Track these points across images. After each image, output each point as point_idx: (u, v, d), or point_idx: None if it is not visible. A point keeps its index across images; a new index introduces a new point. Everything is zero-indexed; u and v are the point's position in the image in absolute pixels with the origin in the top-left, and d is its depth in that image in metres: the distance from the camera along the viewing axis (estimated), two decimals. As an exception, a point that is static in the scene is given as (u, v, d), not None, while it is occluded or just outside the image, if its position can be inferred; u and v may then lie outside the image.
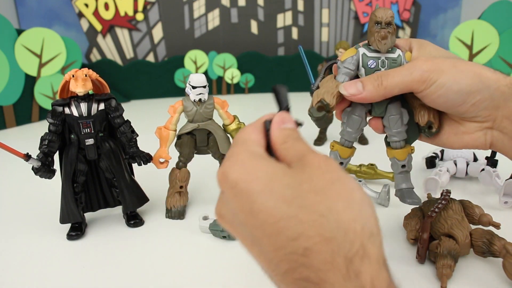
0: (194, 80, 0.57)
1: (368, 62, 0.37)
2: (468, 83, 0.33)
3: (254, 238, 0.22)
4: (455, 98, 0.34)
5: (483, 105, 0.34)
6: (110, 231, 0.57)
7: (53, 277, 0.46)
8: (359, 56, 0.38)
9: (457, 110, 0.35)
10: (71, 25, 2.10)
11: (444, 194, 0.49)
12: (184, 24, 2.21)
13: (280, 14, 2.29)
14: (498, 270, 0.43)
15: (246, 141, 0.26)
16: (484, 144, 0.36)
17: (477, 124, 0.35)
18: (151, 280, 0.45)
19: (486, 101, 0.33)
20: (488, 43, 1.64)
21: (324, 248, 0.20)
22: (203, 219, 0.55)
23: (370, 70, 0.37)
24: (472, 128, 0.36)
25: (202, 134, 0.61)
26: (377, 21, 0.37)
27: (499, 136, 0.35)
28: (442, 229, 0.45)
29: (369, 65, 0.37)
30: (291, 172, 0.23)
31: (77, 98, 0.54)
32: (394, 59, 0.37)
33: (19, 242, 0.54)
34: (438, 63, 0.34)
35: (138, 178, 0.61)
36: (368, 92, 0.35)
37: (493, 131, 0.35)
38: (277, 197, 0.21)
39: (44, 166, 0.52)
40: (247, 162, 0.23)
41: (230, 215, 0.25)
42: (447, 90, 0.33)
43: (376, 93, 0.35)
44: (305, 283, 0.20)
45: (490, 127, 0.35)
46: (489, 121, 0.35)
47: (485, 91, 0.33)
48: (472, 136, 0.36)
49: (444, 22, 2.41)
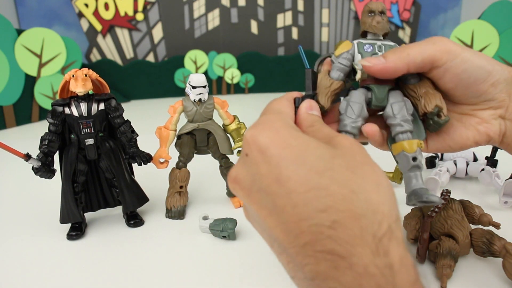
0: (194, 80, 0.57)
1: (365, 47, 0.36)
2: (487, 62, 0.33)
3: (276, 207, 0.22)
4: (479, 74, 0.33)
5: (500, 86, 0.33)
6: (110, 231, 0.57)
7: (53, 277, 0.46)
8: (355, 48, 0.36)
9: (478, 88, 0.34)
10: (71, 25, 2.10)
11: (444, 194, 0.49)
12: (184, 24, 2.22)
13: (280, 14, 2.29)
14: (498, 270, 0.43)
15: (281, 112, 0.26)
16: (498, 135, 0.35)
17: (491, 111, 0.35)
18: (151, 280, 0.45)
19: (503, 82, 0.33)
20: (488, 43, 1.64)
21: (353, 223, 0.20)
22: (203, 219, 0.55)
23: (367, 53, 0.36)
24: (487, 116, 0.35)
25: (202, 134, 0.61)
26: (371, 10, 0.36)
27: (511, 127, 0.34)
28: (442, 229, 0.45)
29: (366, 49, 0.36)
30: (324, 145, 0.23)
31: (77, 98, 0.54)
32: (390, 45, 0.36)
33: (19, 242, 0.54)
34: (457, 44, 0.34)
35: (138, 178, 0.61)
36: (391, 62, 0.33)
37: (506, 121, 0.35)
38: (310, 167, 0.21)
39: (44, 166, 0.52)
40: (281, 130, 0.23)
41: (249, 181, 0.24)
42: (472, 63, 0.33)
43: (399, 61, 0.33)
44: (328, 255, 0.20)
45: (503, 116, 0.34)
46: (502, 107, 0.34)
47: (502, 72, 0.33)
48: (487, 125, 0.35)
49: (444, 22, 2.41)
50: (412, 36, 2.37)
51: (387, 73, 0.34)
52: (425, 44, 0.33)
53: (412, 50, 0.33)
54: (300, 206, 0.20)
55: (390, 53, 0.34)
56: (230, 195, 0.65)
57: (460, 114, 0.36)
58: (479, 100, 0.35)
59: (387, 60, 0.33)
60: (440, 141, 0.37)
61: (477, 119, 0.35)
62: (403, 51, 0.33)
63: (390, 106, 0.35)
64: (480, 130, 0.35)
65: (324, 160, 0.21)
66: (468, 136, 0.35)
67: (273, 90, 2.25)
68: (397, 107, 0.35)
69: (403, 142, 0.35)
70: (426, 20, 2.42)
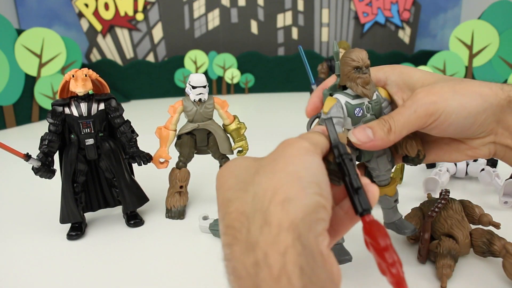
0: (194, 80, 0.57)
1: (355, 111, 0.35)
2: (474, 104, 0.32)
3: None
4: (465, 123, 0.33)
5: (487, 122, 0.33)
6: (110, 231, 0.57)
7: (53, 277, 0.46)
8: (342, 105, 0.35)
9: (465, 133, 0.34)
10: (71, 25, 2.10)
11: (443, 193, 0.49)
12: (184, 24, 2.22)
13: (280, 14, 2.29)
14: (498, 270, 0.43)
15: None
16: (487, 156, 0.36)
17: (480, 140, 0.35)
18: (151, 280, 0.45)
19: (490, 117, 0.33)
20: (488, 43, 1.64)
21: (236, 222, 0.21)
22: (203, 219, 0.55)
23: (357, 118, 0.35)
24: (475, 144, 0.36)
25: (202, 134, 0.61)
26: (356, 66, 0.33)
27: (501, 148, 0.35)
28: (442, 229, 0.45)
29: (356, 114, 0.35)
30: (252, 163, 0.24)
31: (77, 98, 0.54)
32: (376, 101, 0.35)
33: (19, 242, 0.54)
34: (439, 92, 0.33)
35: (138, 178, 0.61)
36: (379, 139, 0.33)
37: (496, 145, 0.35)
38: (226, 187, 0.23)
39: (44, 166, 0.52)
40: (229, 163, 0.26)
41: None
42: (457, 116, 0.33)
43: (387, 139, 0.33)
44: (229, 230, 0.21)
45: (492, 141, 0.35)
46: (491, 135, 0.35)
47: (489, 109, 0.33)
48: (476, 151, 0.36)
49: (444, 22, 2.41)
50: (412, 36, 2.37)
51: (376, 148, 0.34)
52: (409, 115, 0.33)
53: (397, 126, 0.33)
54: (219, 219, 0.23)
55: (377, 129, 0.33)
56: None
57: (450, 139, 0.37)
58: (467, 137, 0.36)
59: (375, 138, 0.33)
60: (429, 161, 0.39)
61: (466, 146, 0.36)
62: (389, 128, 0.33)
63: (376, 161, 0.38)
64: (468, 154, 0.36)
65: (238, 177, 0.23)
66: (457, 158, 0.37)
67: (273, 90, 2.25)
68: (381, 162, 0.38)
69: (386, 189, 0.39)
70: (426, 20, 2.42)
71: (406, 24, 2.35)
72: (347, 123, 0.35)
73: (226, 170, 0.25)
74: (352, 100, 0.35)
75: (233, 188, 0.23)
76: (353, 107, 0.34)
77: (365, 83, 0.34)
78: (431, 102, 0.33)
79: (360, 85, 0.34)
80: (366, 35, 2.36)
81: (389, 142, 0.34)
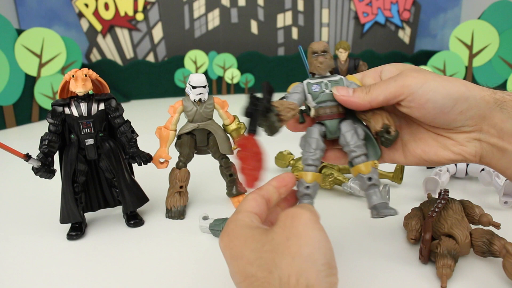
0: (194, 80, 0.57)
1: (312, 87, 0.40)
2: (455, 89, 0.33)
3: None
4: (444, 103, 0.34)
5: (470, 113, 0.34)
6: (110, 231, 0.57)
7: (53, 277, 0.46)
8: (304, 87, 0.40)
9: (445, 118, 0.35)
10: (71, 25, 2.10)
11: (443, 193, 0.49)
12: (184, 24, 2.22)
13: (280, 14, 2.29)
14: (498, 270, 0.43)
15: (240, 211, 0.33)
16: (474, 156, 0.36)
17: (465, 135, 0.35)
18: (151, 280, 0.45)
19: (473, 109, 0.34)
20: (488, 43, 1.64)
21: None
22: (203, 219, 0.55)
23: (316, 93, 0.39)
24: (461, 139, 0.36)
25: (202, 134, 0.61)
26: (313, 51, 0.40)
27: (488, 148, 0.35)
28: (442, 229, 0.45)
29: (313, 89, 0.39)
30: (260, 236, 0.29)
31: (77, 98, 0.54)
32: (335, 81, 0.40)
33: (19, 242, 0.54)
34: (423, 73, 0.35)
35: (138, 178, 0.61)
36: (356, 97, 0.36)
37: (482, 143, 0.35)
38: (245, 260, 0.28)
39: (44, 166, 0.52)
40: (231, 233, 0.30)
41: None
42: (435, 93, 0.33)
43: (362, 98, 0.36)
44: None
45: (478, 138, 0.35)
46: (476, 131, 0.35)
47: (472, 99, 0.33)
48: (462, 147, 0.36)
49: (444, 22, 2.41)
50: (412, 36, 2.37)
51: (351, 105, 0.37)
52: (388, 82, 0.36)
53: (376, 89, 0.36)
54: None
55: (359, 90, 0.37)
56: (230, 195, 0.65)
57: (436, 134, 0.37)
58: (449, 126, 0.36)
59: (354, 95, 0.37)
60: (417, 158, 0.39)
61: (452, 141, 0.36)
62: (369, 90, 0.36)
63: (343, 136, 0.39)
64: (454, 151, 0.36)
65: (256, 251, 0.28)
66: (444, 155, 0.37)
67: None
68: (349, 135, 0.39)
69: (359, 166, 0.39)
70: (426, 20, 2.42)
71: (406, 24, 2.35)
72: (309, 100, 0.40)
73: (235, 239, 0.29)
74: (313, 80, 0.40)
75: (255, 264, 0.27)
76: (312, 84, 0.40)
77: (319, 62, 0.39)
78: (412, 76, 0.35)
79: (315, 64, 0.40)
80: (366, 35, 2.36)
81: (364, 101, 0.36)
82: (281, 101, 0.38)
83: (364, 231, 0.54)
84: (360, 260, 0.46)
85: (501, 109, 0.33)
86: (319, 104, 0.39)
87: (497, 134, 0.34)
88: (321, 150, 0.39)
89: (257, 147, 0.35)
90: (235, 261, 0.28)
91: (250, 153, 0.35)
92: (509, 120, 0.33)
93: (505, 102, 0.33)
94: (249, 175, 0.34)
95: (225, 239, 0.30)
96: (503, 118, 0.33)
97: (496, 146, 0.34)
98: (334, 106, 0.39)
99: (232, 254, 0.29)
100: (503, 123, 0.33)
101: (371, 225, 0.55)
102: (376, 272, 0.44)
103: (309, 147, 0.39)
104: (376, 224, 0.55)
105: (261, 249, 0.27)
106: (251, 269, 0.27)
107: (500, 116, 0.33)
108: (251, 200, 0.34)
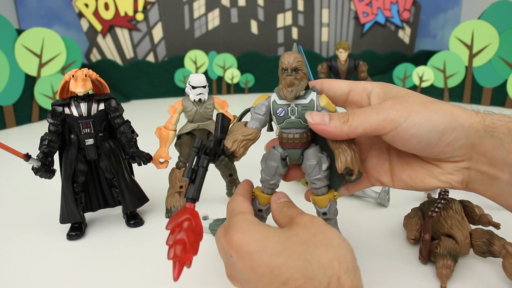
0: (194, 80, 0.57)
1: (278, 110, 0.36)
2: (441, 120, 0.32)
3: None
4: (429, 137, 0.32)
5: (458, 143, 0.32)
6: (110, 231, 0.57)
7: (53, 277, 0.46)
8: (270, 102, 0.36)
9: (432, 150, 0.33)
10: (71, 25, 2.10)
11: (443, 194, 0.49)
12: (184, 24, 2.22)
13: (280, 14, 2.29)
14: (498, 270, 0.43)
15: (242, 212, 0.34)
16: (460, 183, 0.34)
17: (453, 164, 0.34)
18: (151, 279, 0.45)
19: (461, 139, 0.32)
20: (488, 43, 1.64)
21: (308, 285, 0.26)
22: (203, 219, 0.55)
23: (280, 118, 0.36)
24: (449, 168, 0.34)
25: (202, 134, 0.61)
26: (283, 67, 0.34)
27: (477, 176, 0.33)
28: (442, 229, 0.45)
29: (278, 113, 0.35)
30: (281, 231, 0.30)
31: (77, 98, 0.54)
32: (304, 105, 0.35)
33: (19, 242, 0.54)
34: (407, 103, 0.33)
35: (138, 178, 0.61)
36: (332, 126, 0.34)
37: (471, 170, 0.33)
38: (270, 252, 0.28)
39: (44, 166, 0.52)
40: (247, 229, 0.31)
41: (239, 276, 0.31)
42: (420, 128, 0.32)
43: (339, 129, 0.34)
44: None
45: (467, 167, 0.34)
46: (465, 161, 0.33)
47: (459, 129, 0.32)
48: (449, 176, 0.34)
49: (444, 22, 2.41)
50: (412, 36, 2.37)
51: (326, 134, 0.35)
52: (369, 114, 0.33)
53: (355, 120, 0.33)
54: (269, 284, 0.27)
55: (335, 117, 0.34)
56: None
57: (424, 161, 0.36)
58: (437, 158, 0.34)
59: (330, 124, 0.34)
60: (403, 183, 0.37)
61: (440, 169, 0.35)
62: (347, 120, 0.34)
63: (305, 165, 0.37)
64: (441, 180, 0.35)
65: (280, 243, 0.29)
66: (430, 183, 0.36)
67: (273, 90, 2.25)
68: (311, 167, 0.37)
69: (316, 198, 0.38)
70: (426, 20, 2.42)
71: (406, 24, 2.35)
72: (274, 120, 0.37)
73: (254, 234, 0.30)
74: (280, 100, 0.36)
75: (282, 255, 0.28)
76: (278, 107, 0.36)
77: (286, 85, 0.34)
78: (395, 109, 0.33)
79: (283, 86, 0.34)
80: (366, 35, 2.36)
81: (341, 132, 0.34)
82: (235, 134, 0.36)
83: (363, 231, 0.54)
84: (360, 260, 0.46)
85: (491, 136, 0.31)
86: (282, 129, 0.37)
87: (488, 162, 0.32)
88: (279, 175, 0.38)
89: (198, 218, 0.34)
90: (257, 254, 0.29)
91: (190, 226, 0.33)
92: (500, 147, 0.31)
93: (496, 128, 0.32)
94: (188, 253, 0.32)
95: (239, 235, 0.30)
96: (494, 145, 0.31)
97: (486, 174, 0.33)
98: (299, 134, 0.36)
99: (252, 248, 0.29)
100: (494, 150, 0.31)
101: (371, 225, 0.55)
102: (376, 272, 0.44)
103: (268, 172, 0.38)
104: (376, 224, 0.55)
105: (287, 242, 0.29)
106: (278, 260, 0.28)
107: (491, 143, 0.32)
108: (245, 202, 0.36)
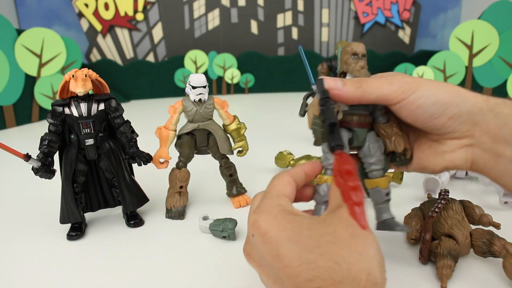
0: (194, 80, 0.57)
1: None
2: (446, 95, 0.34)
3: (278, 276, 0.27)
4: (434, 110, 0.34)
5: (461, 119, 0.34)
6: (110, 231, 0.57)
7: (53, 277, 0.46)
8: None
9: (435, 123, 0.35)
10: (71, 25, 2.10)
11: (443, 194, 0.49)
12: (184, 24, 2.21)
13: (280, 14, 2.29)
14: (498, 270, 0.43)
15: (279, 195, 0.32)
16: (465, 163, 0.36)
17: (456, 141, 0.35)
18: (151, 280, 0.45)
19: (464, 115, 0.34)
20: (488, 43, 1.64)
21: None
22: (203, 219, 0.55)
23: None
24: (453, 146, 0.36)
25: (202, 134, 0.61)
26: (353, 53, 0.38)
27: (480, 154, 0.34)
28: (442, 229, 0.45)
29: None
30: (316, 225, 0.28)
31: (77, 98, 0.54)
32: None
33: (19, 242, 0.54)
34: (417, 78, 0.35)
35: (138, 178, 0.61)
36: (345, 91, 0.35)
37: (474, 148, 0.35)
38: (301, 246, 0.27)
39: (44, 166, 0.52)
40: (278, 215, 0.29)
41: (258, 256, 0.30)
42: (425, 100, 0.34)
43: (352, 93, 0.35)
44: None
45: (470, 144, 0.35)
46: (468, 137, 0.35)
47: (463, 105, 0.33)
48: (453, 154, 0.36)
49: (444, 22, 2.41)
50: (412, 36, 2.37)
51: (339, 98, 0.36)
52: (383, 83, 0.35)
53: (368, 87, 0.35)
54: (294, 277, 0.26)
55: (349, 83, 0.36)
56: (230, 195, 0.65)
57: (431, 141, 0.38)
58: (440, 132, 0.36)
59: (344, 89, 0.35)
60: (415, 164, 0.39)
61: (444, 147, 0.36)
62: (361, 86, 0.35)
63: (368, 147, 0.39)
64: (446, 158, 0.36)
65: (313, 239, 0.27)
66: (437, 163, 0.37)
67: (273, 90, 2.25)
68: (374, 148, 0.39)
69: (378, 180, 0.39)
70: (426, 20, 2.42)
71: (406, 24, 2.35)
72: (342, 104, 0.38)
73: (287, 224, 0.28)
74: None
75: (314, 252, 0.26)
76: None
77: (359, 66, 0.38)
78: (407, 82, 0.35)
79: (357, 68, 0.38)
80: (366, 35, 2.36)
81: (354, 97, 0.35)
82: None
83: (364, 231, 0.54)
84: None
85: (495, 117, 0.33)
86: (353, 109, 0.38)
87: (491, 139, 0.33)
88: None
89: (352, 164, 0.28)
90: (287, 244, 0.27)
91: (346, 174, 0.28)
92: (504, 126, 0.33)
93: (499, 109, 0.33)
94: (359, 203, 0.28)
95: (270, 220, 0.29)
96: (497, 125, 0.33)
97: (490, 152, 0.34)
98: (363, 115, 0.38)
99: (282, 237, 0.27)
100: (497, 129, 0.33)
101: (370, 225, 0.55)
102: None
103: None
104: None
105: (320, 239, 0.27)
106: (309, 255, 0.26)
107: (494, 122, 0.33)
108: (288, 185, 0.33)
